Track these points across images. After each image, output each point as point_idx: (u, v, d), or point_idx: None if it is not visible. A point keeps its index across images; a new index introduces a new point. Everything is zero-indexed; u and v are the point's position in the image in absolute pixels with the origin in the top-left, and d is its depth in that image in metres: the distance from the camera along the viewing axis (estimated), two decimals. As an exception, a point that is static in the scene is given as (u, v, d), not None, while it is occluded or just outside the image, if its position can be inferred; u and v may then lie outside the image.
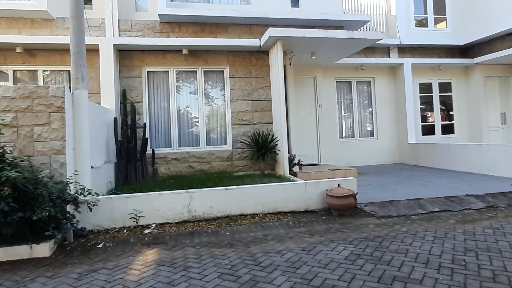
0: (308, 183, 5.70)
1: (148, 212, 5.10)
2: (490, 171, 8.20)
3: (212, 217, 5.32)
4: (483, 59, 11.40)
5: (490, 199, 6.03)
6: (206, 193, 5.33)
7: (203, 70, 8.76)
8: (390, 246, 3.98)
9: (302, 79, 10.77)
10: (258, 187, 5.55)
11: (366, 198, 6.06)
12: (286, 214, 5.50)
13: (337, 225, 5.01)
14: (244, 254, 3.97)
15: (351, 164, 11.21)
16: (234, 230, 4.89)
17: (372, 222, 5.06)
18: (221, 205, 5.34)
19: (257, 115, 8.88)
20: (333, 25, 9.14)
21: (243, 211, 5.42)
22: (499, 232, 4.36)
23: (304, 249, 4.03)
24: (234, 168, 8.68)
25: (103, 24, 8.08)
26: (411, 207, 5.71)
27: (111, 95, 7.71)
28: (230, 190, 5.42)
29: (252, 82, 8.89)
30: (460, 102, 12.33)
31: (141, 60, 8.36)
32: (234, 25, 8.73)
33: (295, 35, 7.57)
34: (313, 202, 5.64)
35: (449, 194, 6.28)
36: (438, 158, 9.90)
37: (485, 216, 5.19)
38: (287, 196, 5.58)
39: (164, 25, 8.42)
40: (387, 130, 11.77)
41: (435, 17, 12.11)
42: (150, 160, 8.13)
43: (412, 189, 6.78)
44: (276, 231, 4.81)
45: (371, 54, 11.44)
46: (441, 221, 5.01)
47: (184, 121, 8.73)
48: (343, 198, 5.33)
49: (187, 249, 4.23)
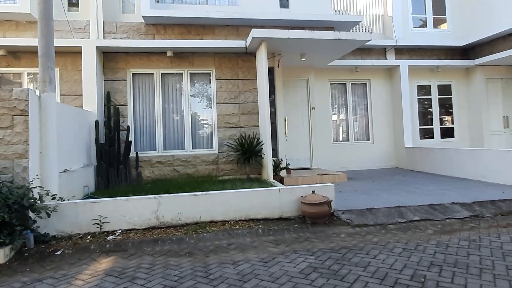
0: (282, 189, 5.50)
1: (115, 218, 4.97)
2: (485, 178, 7.84)
3: (181, 224, 5.16)
4: (484, 60, 11.00)
5: (477, 207, 5.72)
6: (175, 199, 5.18)
7: (189, 73, 8.64)
8: (353, 259, 3.75)
9: (294, 81, 10.57)
10: (229, 193, 5.38)
11: (346, 205, 5.83)
12: (258, 222, 5.31)
13: (308, 234, 4.80)
14: (199, 264, 3.80)
15: (345, 169, 10.94)
16: (200, 238, 4.73)
17: (345, 231, 4.83)
18: (190, 211, 5.18)
19: (244, 118, 8.71)
20: (323, 26, 8.94)
21: (213, 218, 5.25)
22: (474, 244, 4.08)
23: (263, 260, 3.84)
24: (220, 172, 8.52)
25: (87, 26, 8.04)
26: (391, 215, 5.45)
27: (93, 97, 7.64)
28: (200, 196, 5.25)
29: (239, 85, 8.73)
30: (461, 105, 11.93)
31: (126, 63, 8.29)
32: (220, 26, 8.60)
33: (279, 36, 7.39)
34: (288, 209, 5.44)
35: (435, 201, 6.00)
36: (433, 163, 9.56)
37: (467, 226, 4.91)
38: (261, 203, 5.39)
39: (149, 27, 8.34)
40: (384, 133, 11.45)
41: (434, 18, 11.76)
42: (134, 164, 8.04)
43: (398, 196, 6.51)
44: (242, 240, 4.62)
45: (367, 55, 11.17)
46: (418, 231, 4.75)
47: (170, 124, 8.61)
48: (316, 205, 5.11)
49: (144, 258, 4.08)
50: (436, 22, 11.81)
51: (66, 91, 7.96)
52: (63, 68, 7.99)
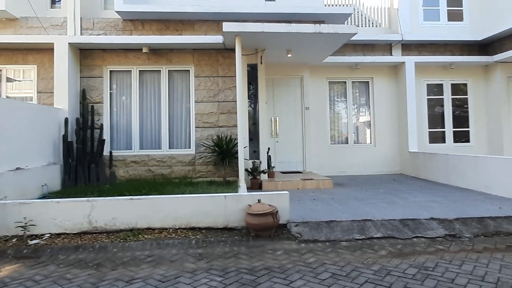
0: (229, 196, 4.98)
1: (44, 221, 4.71)
2: (488, 189, 6.84)
3: (115, 229, 4.81)
4: (504, 56, 9.77)
5: (457, 225, 4.89)
6: (109, 202, 4.84)
7: (167, 70, 8.32)
8: (263, 284, 3.19)
9: (286, 79, 9.97)
10: (170, 198, 4.95)
11: (307, 216, 5.22)
12: (199, 231, 4.84)
13: (243, 248, 4.26)
14: (92, 280, 3.40)
15: (343, 173, 10.19)
16: (124, 247, 4.34)
17: (287, 248, 4.24)
18: (126, 216, 4.82)
19: (223, 117, 8.25)
20: (313, 20, 8.25)
21: (150, 225, 4.84)
22: (421, 274, 3.36)
23: (164, 279, 3.37)
24: (196, 173, 8.13)
25: (65, 23, 7.94)
26: (350, 230, 4.77)
27: (65, 94, 7.51)
28: (137, 200, 4.87)
29: (219, 82, 8.28)
30: (478, 106, 10.72)
31: (103, 60, 8.11)
32: (200, 21, 8.20)
33: (253, 30, 6.86)
34: (235, 219, 4.92)
35: (411, 215, 5.23)
36: (436, 170, 8.57)
37: (432, 248, 4.14)
38: (203, 211, 4.92)
39: (127, 23, 8.11)
40: (387, 136, 10.52)
41: (448, 10, 10.64)
42: (108, 163, 7.84)
43: (374, 207, 5.76)
44: (167, 252, 4.18)
45: (370, 51, 10.31)
46: (369, 251, 4.07)
47: (147, 123, 8.34)
48: (260, 216, 4.55)
49: (47, 268, 3.74)
50: (450, 15, 10.69)
51: (43, 88, 7.92)
52: (40, 65, 7.95)
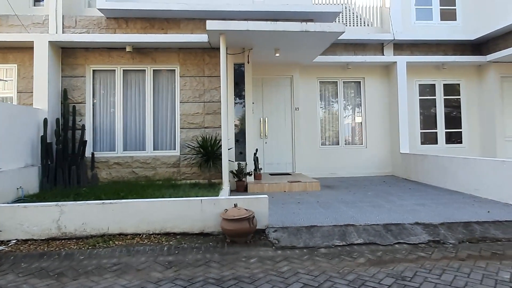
0: (205, 200, 4.79)
1: (11, 226, 4.51)
2: (478, 192, 6.66)
3: (85, 235, 4.61)
4: (497, 56, 9.60)
5: (442, 230, 4.70)
6: (80, 207, 4.64)
7: (152, 69, 8.12)
8: (228, 296, 3.00)
9: (276, 79, 9.79)
10: (143, 203, 4.75)
11: (288, 221, 5.03)
12: (174, 237, 4.64)
13: (216, 255, 4.07)
14: (49, 291, 3.21)
15: (333, 175, 10.01)
16: (92, 254, 4.14)
17: (262, 255, 4.04)
18: (97, 222, 4.62)
19: (209, 118, 8.06)
20: (301, 18, 8.04)
21: (123, 230, 4.65)
22: (398, 285, 3.17)
23: (125, 290, 3.19)
24: (181, 175, 7.93)
25: (46, 21, 7.74)
26: (331, 236, 4.58)
27: (45, 94, 7.31)
28: (109, 205, 4.67)
29: (205, 82, 8.09)
30: (471, 107, 10.54)
31: (85, 59, 7.91)
32: (186, 20, 8.00)
33: (237, 28, 6.67)
34: (212, 224, 4.72)
35: (396, 220, 5.04)
36: (427, 172, 8.39)
37: (413, 256, 3.95)
38: (179, 215, 4.72)
39: (110, 21, 7.91)
40: (379, 137, 10.34)
41: (441, 9, 10.46)
42: (90, 164, 7.65)
43: (358, 211, 5.57)
44: (136, 259, 3.98)
45: (361, 51, 10.13)
46: (348, 259, 3.88)
47: (131, 124, 8.14)
48: (235, 221, 4.36)
49: (7, 277, 3.55)
50: (443, 15, 10.50)
51: (23, 88, 7.72)
52: (21, 64, 7.76)
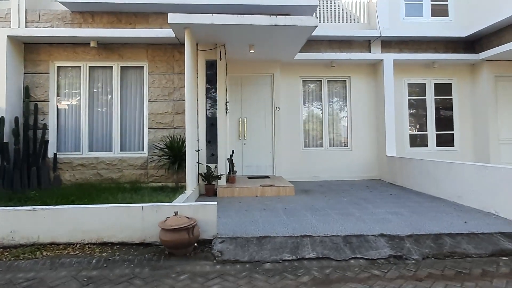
0: (147, 207, 4.37)
1: None
2: (461, 199, 6.15)
3: (14, 244, 4.21)
4: (491, 54, 9.06)
5: (408, 244, 4.22)
6: (8, 213, 4.24)
7: (119, 66, 7.74)
8: (127, 324, 2.57)
9: (255, 77, 9.35)
10: (76, 209, 4.34)
11: (241, 230, 4.61)
12: (111, 247, 4.23)
13: (146, 270, 3.63)
14: None
15: (316, 179, 9.54)
16: (12, 266, 3.74)
17: (198, 270, 3.60)
18: (26, 229, 4.22)
19: (179, 117, 7.64)
20: (276, 12, 7.58)
21: (55, 239, 4.24)
22: (331, 312, 2.72)
23: (17, 314, 2.77)
24: (148, 178, 7.53)
25: (8, 15, 7.40)
26: (282, 248, 4.12)
27: (2, 92, 6.95)
28: (40, 211, 4.27)
29: (175, 80, 7.68)
30: (463, 107, 10.00)
31: (49, 54, 7.55)
32: (155, 14, 7.60)
33: (200, 21, 6.26)
34: (154, 233, 4.29)
35: (361, 231, 4.58)
36: (411, 176, 7.89)
37: (365, 274, 3.48)
38: (117, 223, 4.31)
39: (75, 15, 7.54)
40: (365, 139, 9.84)
41: (432, 4, 9.94)
42: (52, 166, 7.28)
43: (324, 220, 5.10)
44: (55, 274, 3.56)
45: (347, 48, 9.66)
46: (290, 277, 3.42)
47: (97, 123, 7.76)
48: (172, 232, 3.93)
49: None
50: (435, 11, 9.98)
51: (-17, 85, 7.38)
52: (-18, 60, 7.41)
